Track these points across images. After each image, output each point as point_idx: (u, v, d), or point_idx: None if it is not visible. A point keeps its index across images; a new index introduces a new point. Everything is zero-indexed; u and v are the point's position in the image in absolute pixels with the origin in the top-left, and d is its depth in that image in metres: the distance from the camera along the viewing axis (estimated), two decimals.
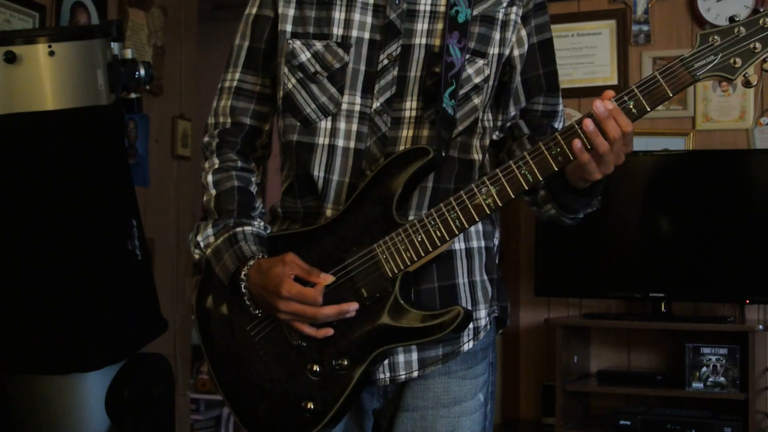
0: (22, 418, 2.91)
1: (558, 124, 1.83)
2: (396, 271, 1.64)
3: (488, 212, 1.61)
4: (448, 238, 1.62)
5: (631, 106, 1.56)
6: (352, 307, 1.63)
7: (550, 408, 4.13)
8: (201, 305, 1.83)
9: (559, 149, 1.58)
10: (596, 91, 4.34)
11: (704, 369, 3.82)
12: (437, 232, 1.62)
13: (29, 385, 2.86)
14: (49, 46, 2.71)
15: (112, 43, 2.91)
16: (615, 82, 4.28)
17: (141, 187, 4.04)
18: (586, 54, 4.37)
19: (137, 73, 3.00)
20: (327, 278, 1.64)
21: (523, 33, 1.76)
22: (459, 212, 1.61)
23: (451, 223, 1.62)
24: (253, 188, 1.81)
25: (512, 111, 1.79)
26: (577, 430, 4.04)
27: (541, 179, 1.60)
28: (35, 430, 2.89)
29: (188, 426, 1.76)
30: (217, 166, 1.81)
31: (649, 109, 1.57)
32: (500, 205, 1.61)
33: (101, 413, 2.90)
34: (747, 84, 1.57)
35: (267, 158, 1.89)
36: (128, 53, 2.99)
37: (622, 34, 4.32)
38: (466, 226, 1.62)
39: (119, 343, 2.92)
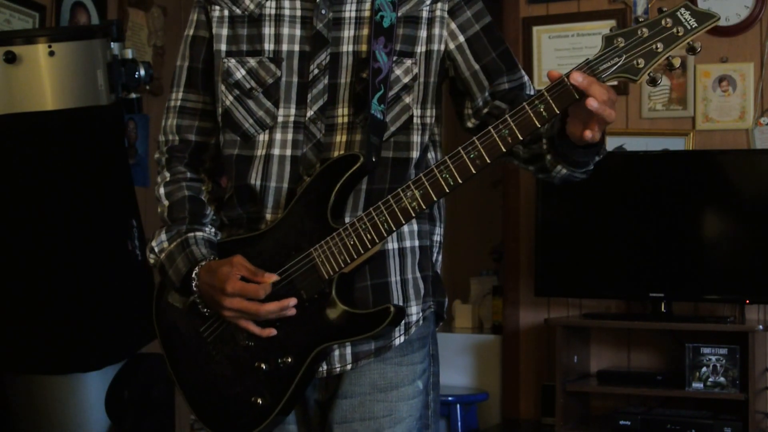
0: (22, 418, 2.91)
1: (529, 92, 1.87)
2: (332, 273, 1.73)
3: (413, 215, 1.69)
4: (378, 241, 1.71)
5: (541, 110, 1.61)
6: (291, 302, 1.73)
7: (550, 408, 4.13)
8: (159, 308, 1.92)
9: (476, 153, 1.65)
10: None
11: (704, 369, 3.82)
12: (368, 235, 1.71)
13: (29, 385, 2.86)
14: (49, 46, 2.71)
15: (112, 43, 2.91)
16: (614, 82, 4.27)
17: (141, 187, 4.04)
18: (586, 54, 4.33)
19: (137, 73, 3.01)
20: (272, 277, 1.73)
21: (454, 26, 1.83)
22: (387, 215, 1.70)
23: (380, 226, 1.70)
24: (204, 196, 1.91)
25: (479, 99, 1.85)
26: (577, 430, 4.04)
27: (460, 182, 1.67)
28: (35, 430, 2.89)
29: (188, 426, 1.76)
30: (168, 179, 1.91)
31: (557, 112, 1.61)
32: (424, 207, 1.69)
33: (101, 413, 2.90)
34: (652, 82, 1.63)
35: (217, 170, 1.96)
36: (128, 53, 2.99)
37: None
38: (394, 228, 1.71)
39: (119, 343, 2.92)
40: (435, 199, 1.68)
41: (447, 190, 1.68)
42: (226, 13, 1.84)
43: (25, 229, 2.79)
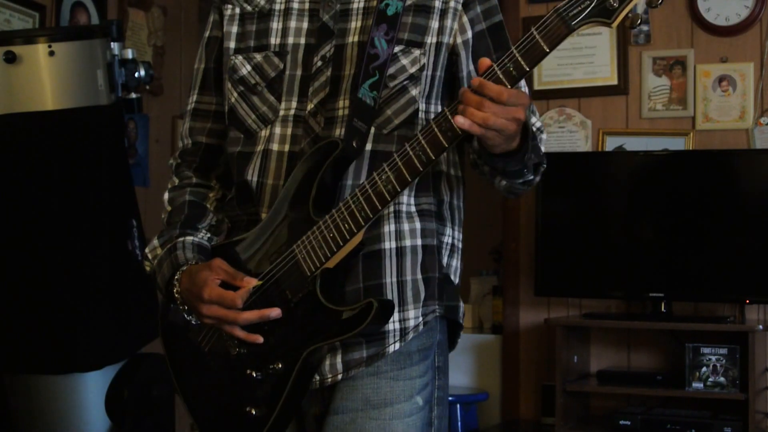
0: (22, 418, 2.91)
1: None
2: (314, 269, 1.64)
3: (390, 198, 1.59)
4: (356, 230, 1.61)
5: (511, 69, 1.51)
6: (273, 312, 1.64)
7: (550, 408, 4.13)
8: (164, 318, 1.85)
9: (448, 124, 1.55)
10: (596, 91, 4.34)
11: (704, 369, 3.82)
12: (345, 225, 1.61)
13: (29, 385, 2.86)
14: (49, 46, 2.71)
15: (112, 43, 2.91)
16: (615, 82, 4.28)
17: (141, 187, 4.04)
18: (586, 54, 4.37)
19: (137, 73, 3.01)
20: (251, 282, 1.65)
21: (465, 19, 1.75)
22: (363, 202, 1.60)
23: (357, 214, 1.61)
24: (208, 203, 1.84)
25: None
26: (577, 430, 4.03)
27: (433, 157, 1.57)
28: (35, 430, 2.89)
29: (188, 426, 1.76)
30: (175, 184, 1.87)
31: (527, 69, 1.51)
32: (399, 189, 1.59)
33: (101, 413, 2.90)
34: (630, 25, 1.49)
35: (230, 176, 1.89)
36: (128, 53, 2.99)
37: (622, 34, 4.31)
38: (371, 216, 1.60)
39: (119, 343, 2.92)
40: (409, 179, 1.58)
41: (421, 168, 1.58)
42: (237, 11, 1.81)
43: (25, 229, 2.79)
